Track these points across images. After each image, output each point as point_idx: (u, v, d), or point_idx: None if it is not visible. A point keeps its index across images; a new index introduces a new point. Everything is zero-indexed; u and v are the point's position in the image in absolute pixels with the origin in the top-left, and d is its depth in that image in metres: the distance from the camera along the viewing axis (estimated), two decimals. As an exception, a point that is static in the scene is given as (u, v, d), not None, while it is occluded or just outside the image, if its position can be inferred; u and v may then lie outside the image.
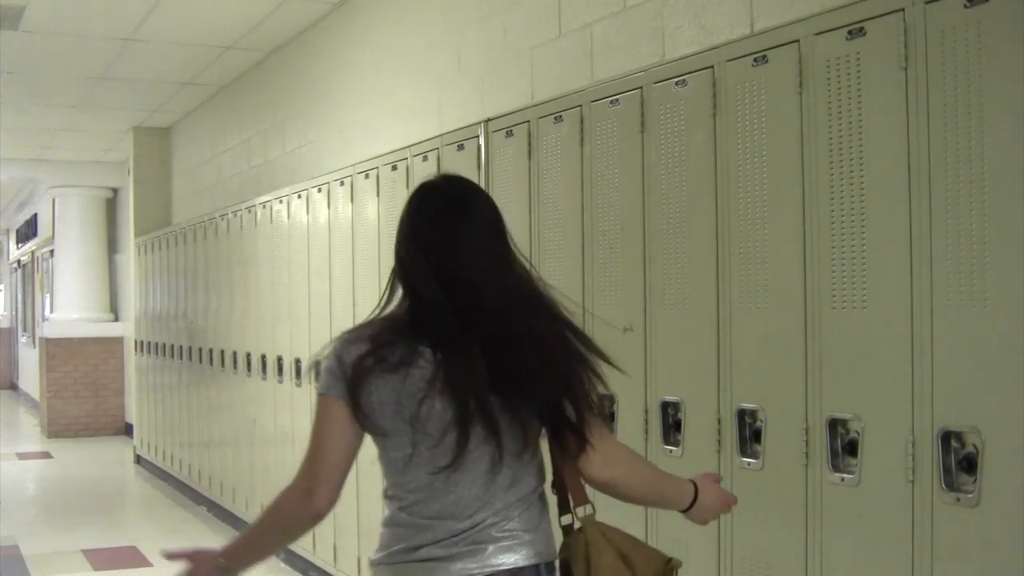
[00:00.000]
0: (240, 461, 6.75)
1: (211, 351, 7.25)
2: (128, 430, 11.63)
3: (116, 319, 12.54)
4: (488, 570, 1.85)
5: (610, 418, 3.10)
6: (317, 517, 1.89)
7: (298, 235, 5.63)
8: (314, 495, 1.88)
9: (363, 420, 1.90)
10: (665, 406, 2.89)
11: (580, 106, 3.26)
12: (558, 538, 1.95)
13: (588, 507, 1.91)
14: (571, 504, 1.93)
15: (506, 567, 1.86)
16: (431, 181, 2.00)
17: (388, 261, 4.91)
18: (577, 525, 1.92)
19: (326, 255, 5.21)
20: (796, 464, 2.47)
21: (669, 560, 1.93)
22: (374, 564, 1.93)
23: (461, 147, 3.94)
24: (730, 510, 2.13)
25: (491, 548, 1.86)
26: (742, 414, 2.64)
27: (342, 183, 5.02)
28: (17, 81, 8.02)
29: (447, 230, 1.91)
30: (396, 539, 1.90)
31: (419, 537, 1.88)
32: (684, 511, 2.03)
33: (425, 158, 4.20)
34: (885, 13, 2.27)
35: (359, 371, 1.87)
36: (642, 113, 2.98)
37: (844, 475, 2.36)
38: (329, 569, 5.26)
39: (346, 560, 5.06)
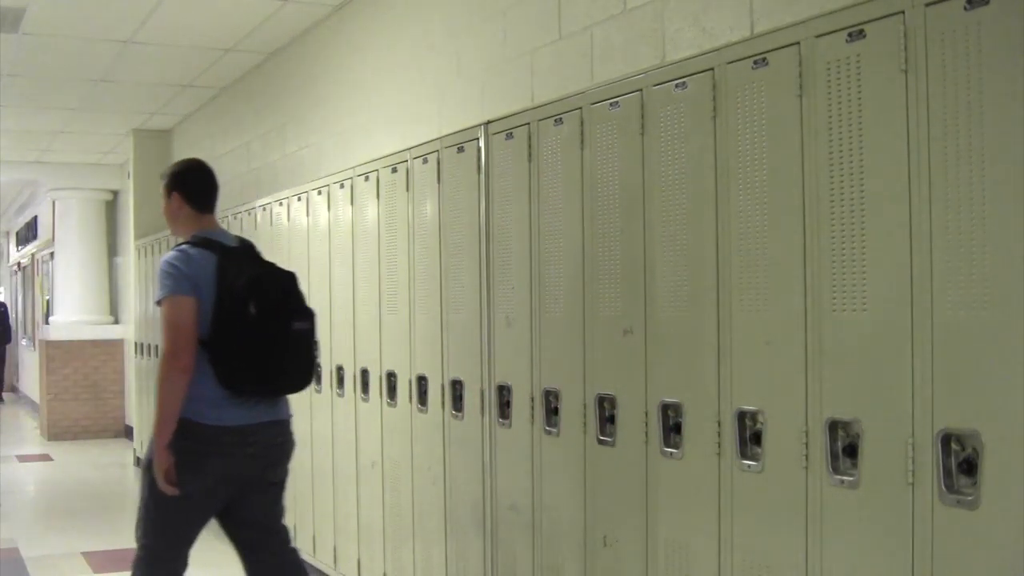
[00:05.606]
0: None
1: (211, 353, 7.24)
2: (128, 432, 11.64)
3: (116, 321, 12.54)
4: None
5: (610, 420, 3.11)
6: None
7: (298, 237, 5.63)
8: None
9: None
10: (665, 408, 2.89)
11: (580, 108, 3.26)
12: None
13: None
14: None
15: None
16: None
17: (388, 263, 4.95)
18: None
19: (326, 257, 5.21)
20: (796, 466, 2.47)
21: None
22: None
23: (461, 149, 3.94)
24: None
25: None
26: (742, 416, 2.64)
27: (342, 185, 5.02)
28: (17, 83, 8.02)
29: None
30: None
31: None
32: None
33: (425, 160, 4.21)
34: (885, 15, 2.27)
35: None
36: (642, 115, 2.99)
37: (844, 478, 2.36)
38: (329, 571, 5.26)
39: (346, 563, 5.06)
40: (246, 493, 3.69)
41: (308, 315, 3.71)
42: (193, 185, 3.86)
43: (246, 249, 3.82)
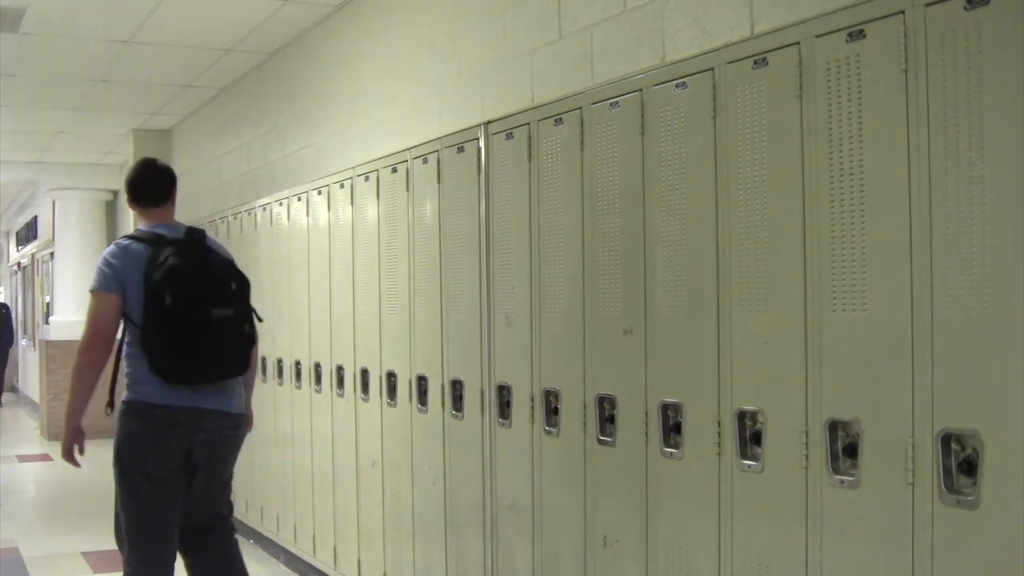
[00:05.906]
0: (239, 463, 6.73)
1: (211, 353, 7.24)
2: (128, 432, 11.61)
3: (116, 321, 12.52)
4: None
5: (610, 420, 3.11)
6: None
7: (298, 237, 5.63)
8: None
9: None
10: (665, 408, 2.89)
11: (580, 108, 3.26)
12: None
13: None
14: None
15: None
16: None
17: (388, 263, 4.94)
18: None
19: (326, 257, 5.21)
20: (796, 467, 2.47)
21: None
22: None
23: (461, 149, 3.94)
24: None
25: None
26: (742, 416, 2.64)
27: (342, 185, 5.02)
28: (17, 83, 8.02)
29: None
30: None
31: None
32: None
33: (425, 160, 4.21)
34: (885, 15, 2.27)
35: None
36: (642, 115, 2.99)
37: (844, 477, 2.36)
38: (329, 572, 5.26)
39: (346, 563, 5.06)
40: (199, 482, 3.86)
41: (233, 302, 3.83)
42: (135, 188, 4.14)
43: (189, 240, 3.91)
